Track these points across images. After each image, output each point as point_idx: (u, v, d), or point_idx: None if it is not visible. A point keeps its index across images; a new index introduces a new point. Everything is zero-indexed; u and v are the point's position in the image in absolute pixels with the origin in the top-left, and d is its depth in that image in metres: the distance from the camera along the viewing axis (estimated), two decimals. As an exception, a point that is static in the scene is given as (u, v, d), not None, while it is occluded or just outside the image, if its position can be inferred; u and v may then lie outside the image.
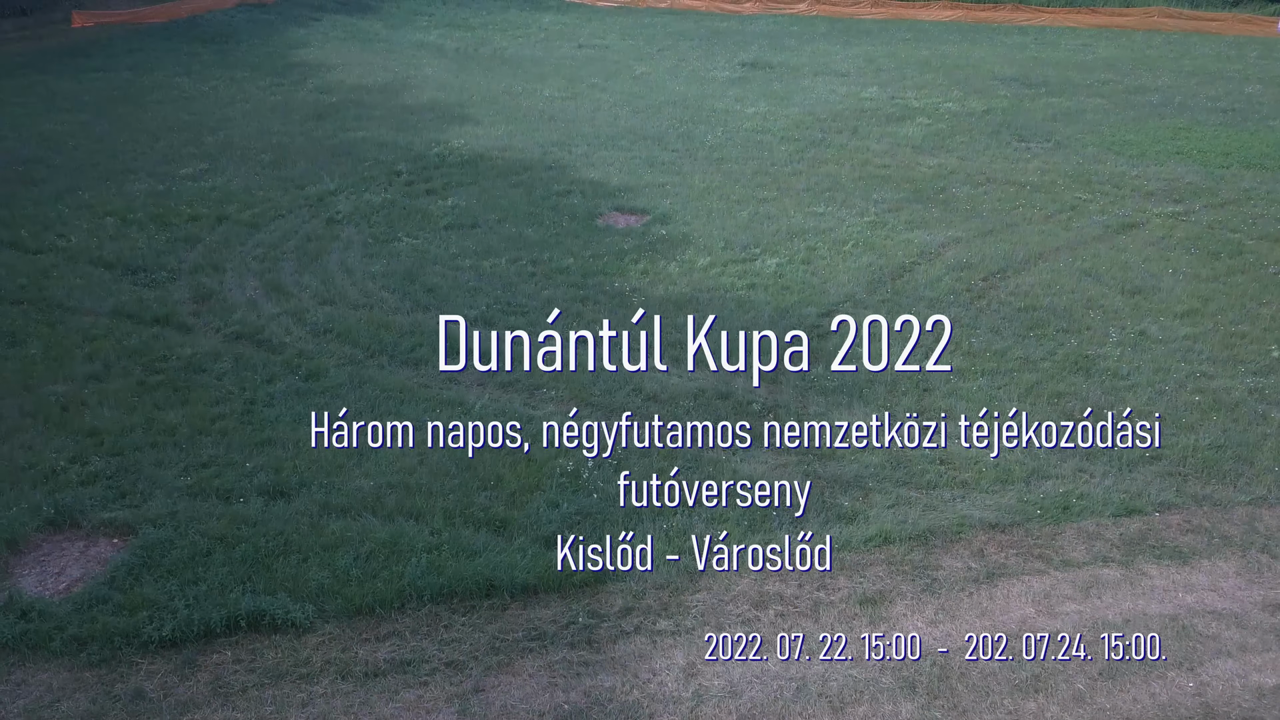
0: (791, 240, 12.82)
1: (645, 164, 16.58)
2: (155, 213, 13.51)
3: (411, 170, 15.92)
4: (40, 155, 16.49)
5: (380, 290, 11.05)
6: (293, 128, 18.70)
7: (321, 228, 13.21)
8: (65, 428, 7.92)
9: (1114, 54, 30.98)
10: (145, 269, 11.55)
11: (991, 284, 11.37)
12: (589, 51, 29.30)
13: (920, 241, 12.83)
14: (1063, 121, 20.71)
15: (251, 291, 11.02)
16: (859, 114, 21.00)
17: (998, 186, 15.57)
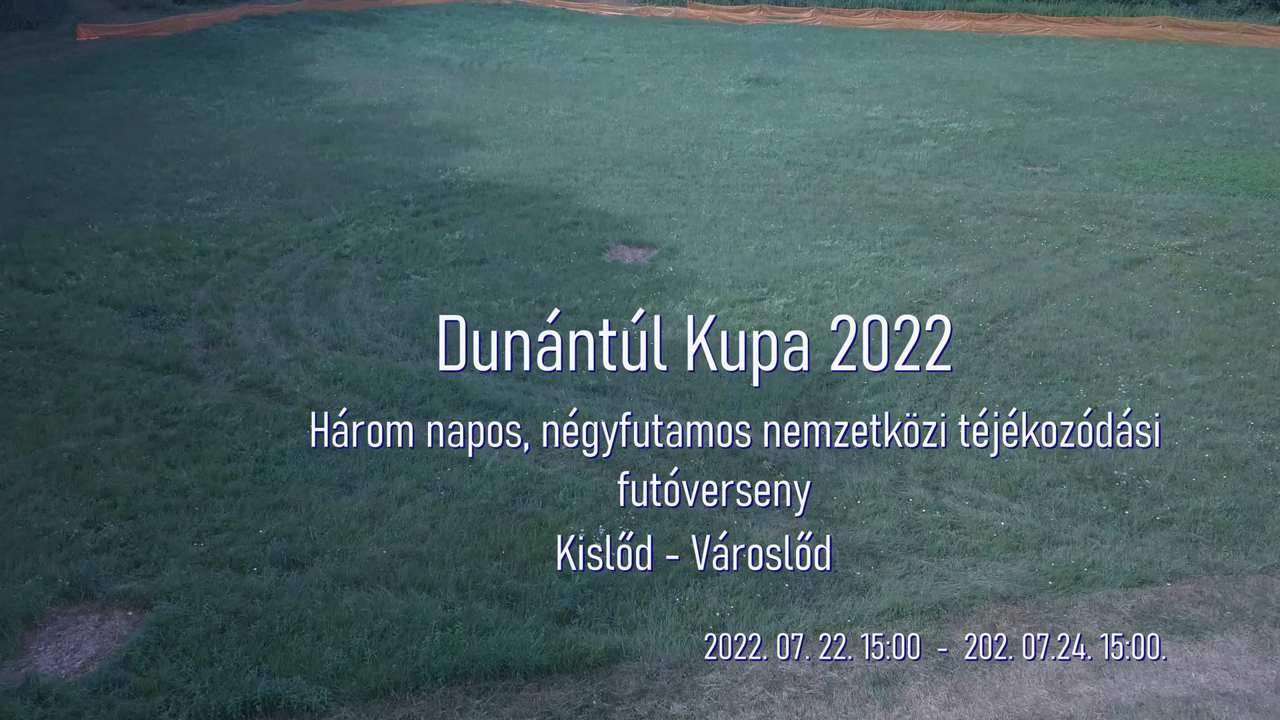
0: (799, 278, 12.82)
1: (651, 192, 16.59)
2: (164, 247, 13.54)
3: (418, 199, 15.94)
4: (48, 182, 16.53)
5: (389, 334, 11.08)
6: (299, 152, 18.73)
7: (329, 263, 13.23)
8: (78, 488, 7.95)
9: (1118, 67, 30.96)
10: (155, 309, 11.58)
11: (1000, 326, 11.38)
12: (593, 66, 29.33)
13: (927, 279, 12.84)
14: (1068, 143, 20.71)
15: (261, 335, 11.04)
16: (864, 135, 21.00)
17: (1004, 217, 15.57)
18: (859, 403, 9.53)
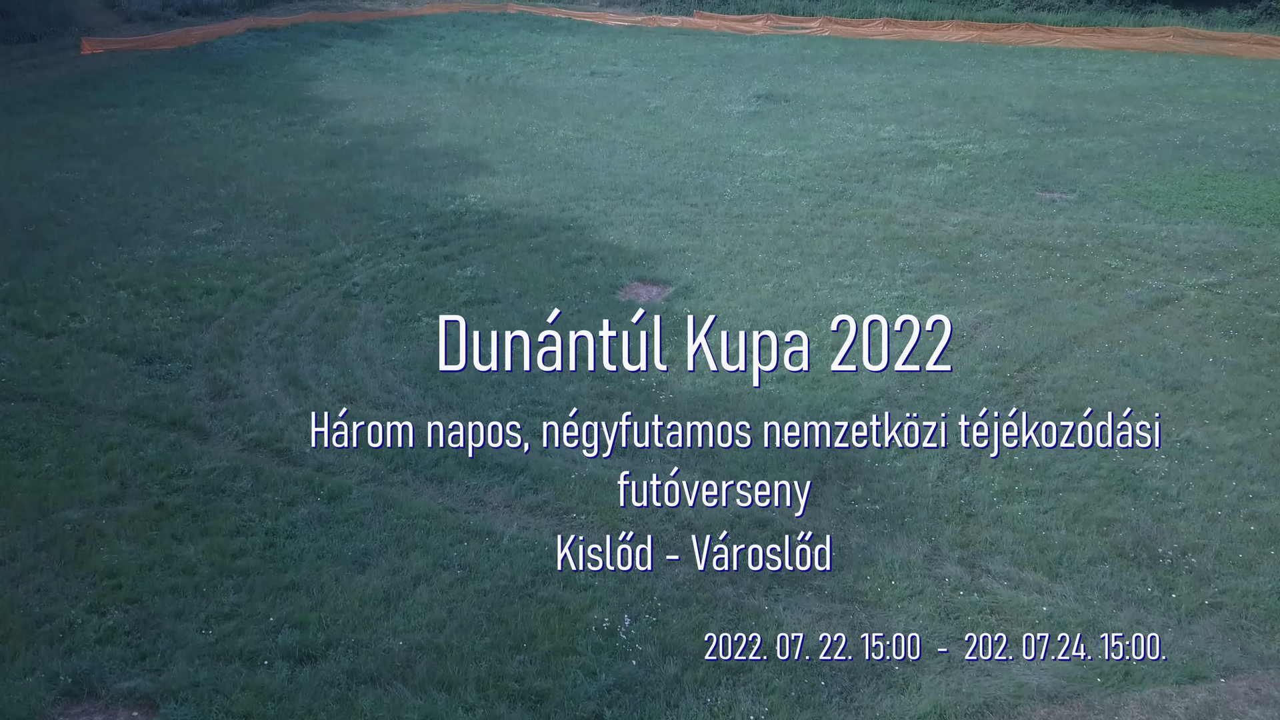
0: (818, 320, 12.50)
1: (665, 223, 16.28)
2: (169, 285, 13.24)
3: (428, 231, 15.64)
4: (51, 211, 16.23)
5: (401, 384, 10.78)
6: (305, 177, 18.43)
7: (338, 303, 12.93)
8: (81, 565, 7.65)
9: (1131, 82, 30.62)
10: (160, 356, 11.28)
11: (1028, 376, 11.07)
12: (601, 81, 29.01)
13: (951, 322, 12.51)
14: (1085, 166, 20.39)
15: (269, 385, 10.75)
16: (878, 158, 20.69)
17: (1025, 250, 15.26)
18: (888, 465, 9.23)
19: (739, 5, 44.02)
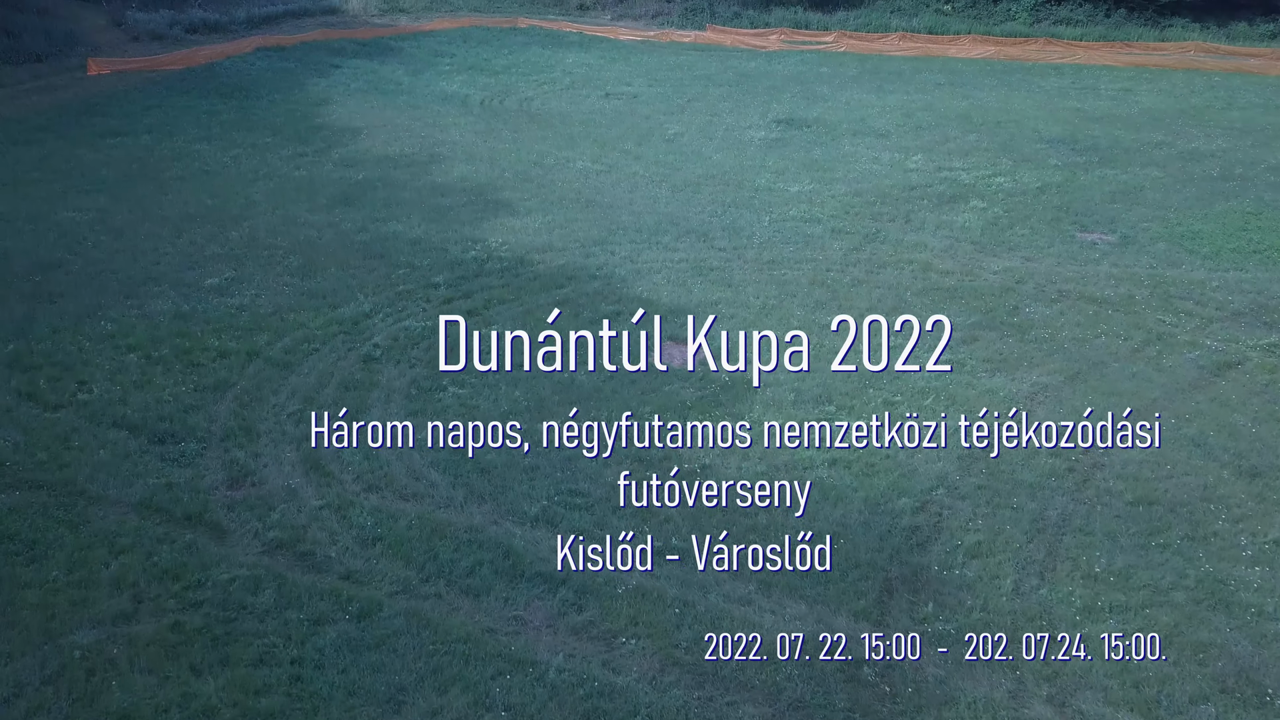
0: (865, 389, 11.89)
1: (694, 270, 15.65)
2: (182, 347, 12.61)
3: (449, 281, 15.01)
4: (58, 258, 15.61)
5: (429, 469, 10.14)
6: (319, 216, 17.82)
7: (359, 368, 12.30)
8: (92, 704, 7.03)
9: (1157, 103, 30.01)
10: (173, 435, 10.65)
11: (1094, 459, 10.40)
12: (616, 103, 28.42)
13: (1004, 391, 11.89)
14: (1122, 203, 19.77)
15: (289, 470, 10.11)
16: (908, 193, 20.06)
17: (1072, 304, 14.61)
18: (957, 574, 8.59)
19: (751, 19, 43.40)
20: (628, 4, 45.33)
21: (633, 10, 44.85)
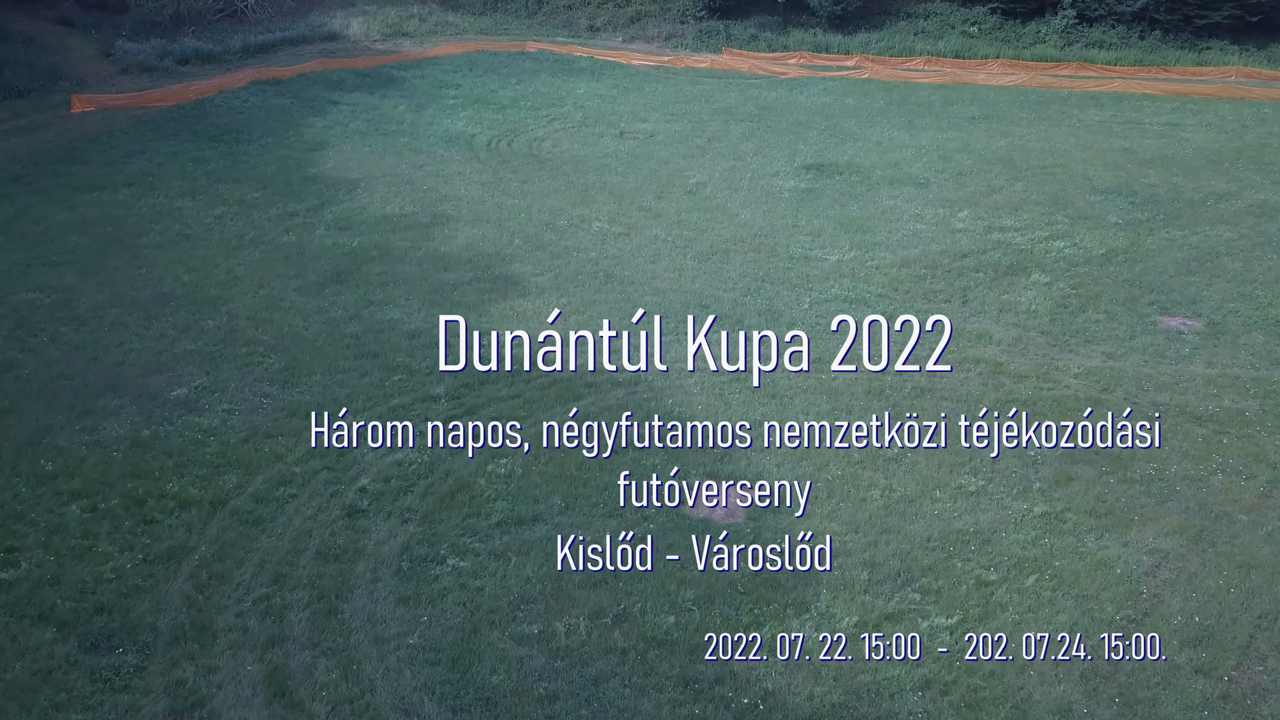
0: (950, 561, 9.90)
1: (731, 375, 13.66)
2: (135, 495, 10.71)
3: (450, 391, 13.09)
4: (10, 358, 13.80)
5: (420, 694, 8.18)
6: (308, 300, 15.87)
7: (342, 526, 10.37)
8: None
9: (1209, 141, 27.98)
10: (110, 637, 8.71)
11: (1253, 679, 8.42)
12: (632, 145, 26.43)
13: (1121, 565, 9.88)
14: (1199, 274, 17.80)
15: (247, 699, 8.14)
16: (960, 262, 18.09)
17: (1173, 423, 12.62)
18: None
19: (769, 41, 41.40)
20: (639, 25, 43.32)
21: (644, 32, 42.83)
